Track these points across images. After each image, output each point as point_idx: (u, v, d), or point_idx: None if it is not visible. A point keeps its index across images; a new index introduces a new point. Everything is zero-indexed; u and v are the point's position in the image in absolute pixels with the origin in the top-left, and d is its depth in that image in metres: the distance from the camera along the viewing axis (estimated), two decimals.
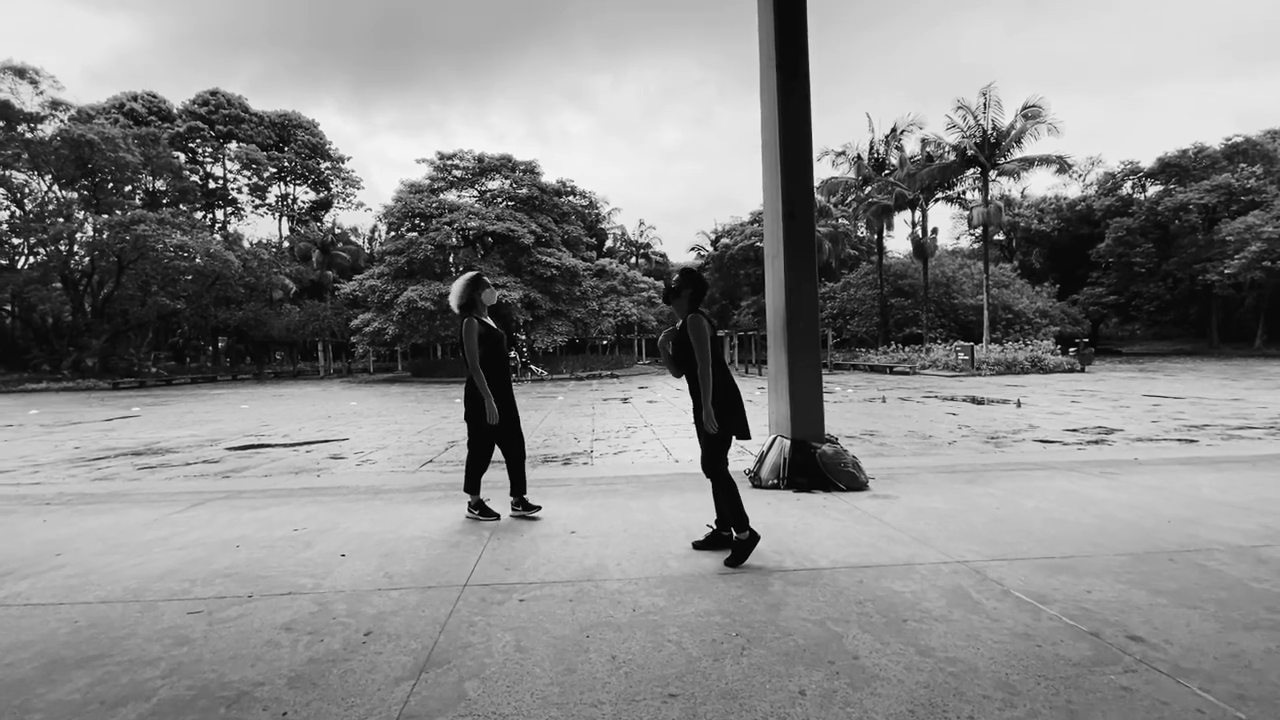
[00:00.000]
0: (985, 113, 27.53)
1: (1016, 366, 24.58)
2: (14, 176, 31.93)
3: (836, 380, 23.03)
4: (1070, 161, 28.42)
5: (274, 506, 4.82)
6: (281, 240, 48.98)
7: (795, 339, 5.29)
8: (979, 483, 5.09)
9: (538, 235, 31.17)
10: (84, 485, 6.28)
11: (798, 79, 5.27)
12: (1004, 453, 7.24)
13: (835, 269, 44.19)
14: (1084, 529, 3.73)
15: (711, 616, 2.59)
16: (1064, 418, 10.50)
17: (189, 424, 12.65)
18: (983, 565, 3.15)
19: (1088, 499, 4.47)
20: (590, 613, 2.66)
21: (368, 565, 3.35)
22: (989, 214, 28.28)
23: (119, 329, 34.16)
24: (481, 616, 2.65)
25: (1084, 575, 2.98)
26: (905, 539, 3.62)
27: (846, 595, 2.79)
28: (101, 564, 3.50)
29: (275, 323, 39.71)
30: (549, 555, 3.45)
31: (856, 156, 36.31)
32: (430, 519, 4.31)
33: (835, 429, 9.66)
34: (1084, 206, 44.41)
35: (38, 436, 10.94)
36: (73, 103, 33.91)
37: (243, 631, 2.56)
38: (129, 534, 4.09)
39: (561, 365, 32.46)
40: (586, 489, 5.17)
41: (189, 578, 3.23)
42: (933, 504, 4.42)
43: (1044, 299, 38.29)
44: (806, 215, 5.33)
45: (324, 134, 49.14)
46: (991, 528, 3.80)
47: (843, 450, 5.12)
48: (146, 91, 43.25)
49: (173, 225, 30.96)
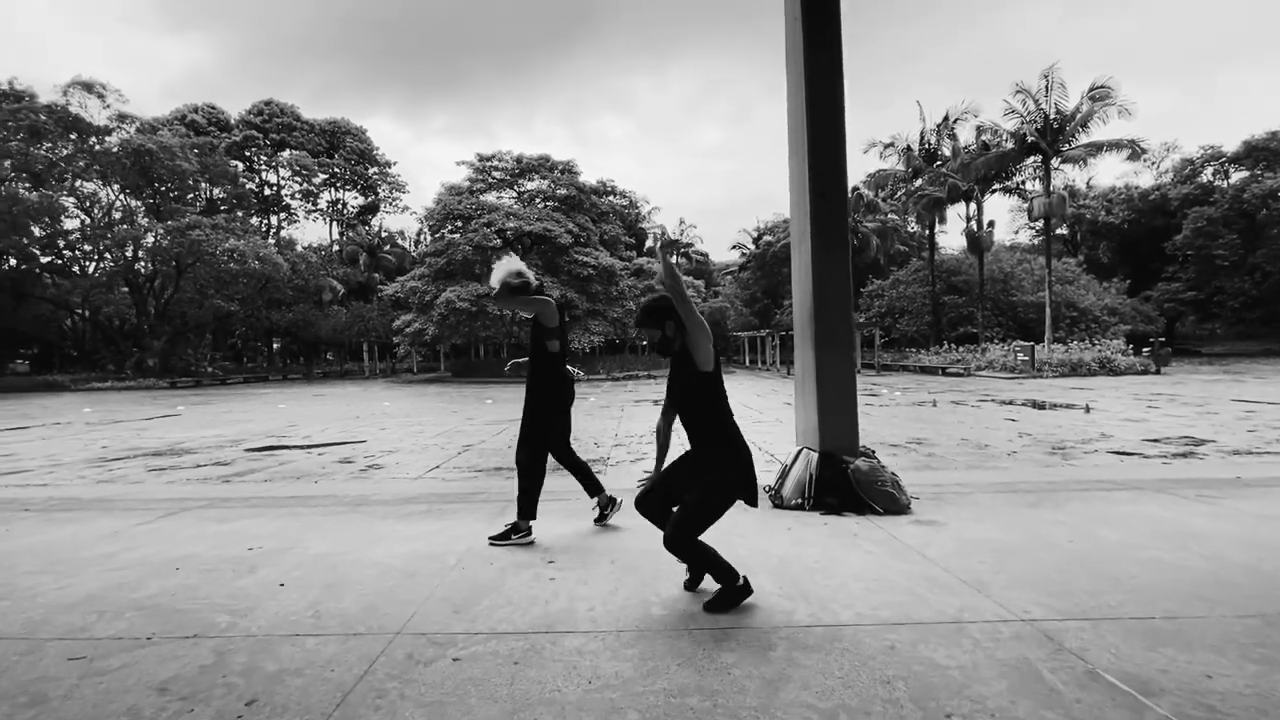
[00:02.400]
0: (1047, 96, 25.73)
1: (1082, 368, 22.81)
2: (84, 187, 33.64)
3: (883, 382, 21.84)
4: (1143, 146, 26.26)
5: (246, 519, 4.43)
6: (331, 244, 50.38)
7: (824, 334, 4.59)
8: (1045, 506, 4.29)
9: (575, 235, 30.88)
10: (81, 489, 6.09)
11: (827, 47, 4.57)
12: (1074, 467, 6.32)
13: (884, 266, 42.47)
14: (1188, 574, 2.94)
15: (686, 698, 1.98)
16: (1141, 425, 9.35)
17: (221, 424, 12.71)
18: (1057, 626, 2.42)
19: (1186, 531, 3.64)
20: (533, 684, 2.08)
21: (302, 599, 2.87)
22: (1051, 205, 26.45)
23: (178, 330, 35.58)
24: (397, 683, 2.11)
25: (1197, 647, 2.23)
26: (953, 583, 2.91)
27: (871, 669, 2.13)
28: (25, 585, 3.13)
29: (323, 324, 40.71)
30: (512, 594, 2.89)
31: (906, 147, 34.68)
32: (400, 539, 3.82)
33: (878, 436, 8.83)
34: (1158, 196, 41.29)
35: (76, 435, 11.11)
36: (138, 115, 35.58)
37: (109, 692, 2.09)
38: (78, 549, 3.75)
39: (599, 365, 32.08)
40: (585, 504, 4.60)
41: (101, 608, 2.81)
42: (988, 534, 3.67)
43: (1113, 295, 35.74)
44: (838, 194, 4.63)
45: (371, 140, 50.27)
46: (1064, 569, 3.05)
47: (880, 466, 4.39)
48: (206, 103, 45.09)
49: (226, 230, 32.02)
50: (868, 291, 41.06)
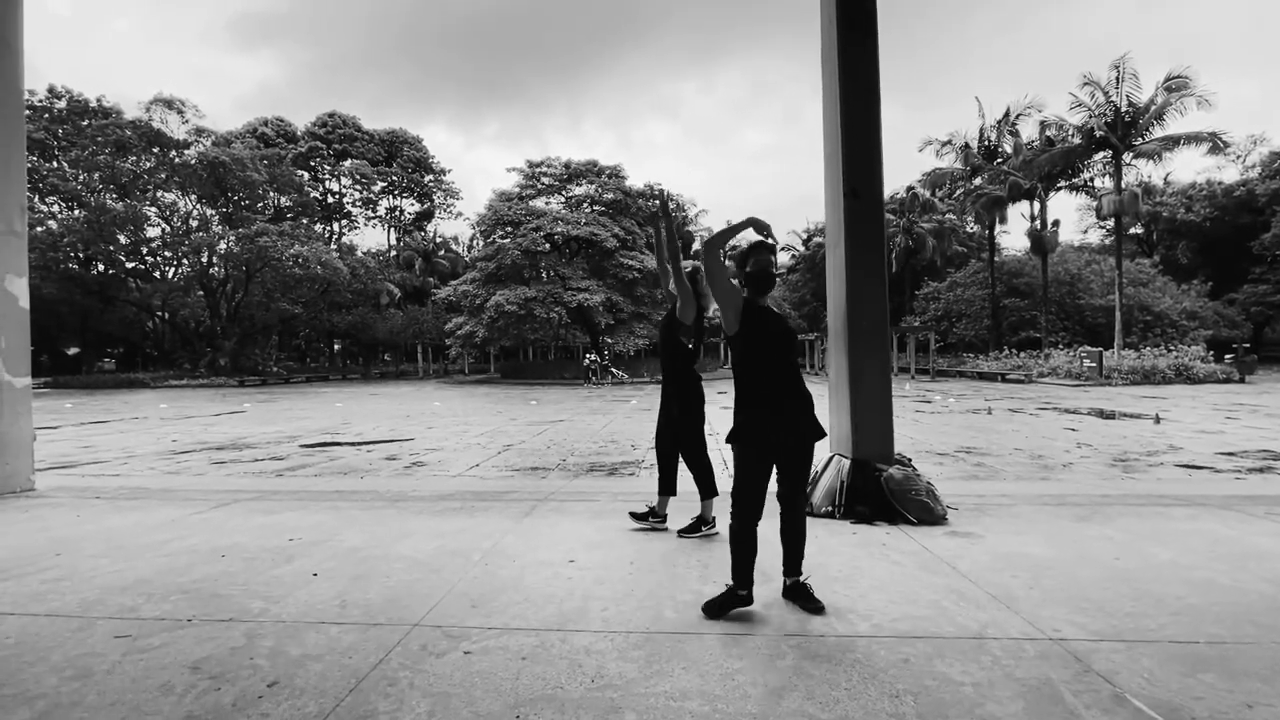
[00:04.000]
0: (1118, 88, 24.36)
1: (1156, 375, 21.47)
2: (164, 197, 36.00)
3: (938, 388, 21.10)
4: (1226, 139, 24.50)
5: (291, 511, 4.65)
6: (388, 249, 52.29)
7: (858, 340, 4.49)
8: (1095, 520, 4.07)
9: (621, 239, 31.08)
10: (149, 479, 6.52)
11: (859, 32, 4.48)
12: (1134, 480, 5.97)
13: (940, 267, 41.12)
14: (1243, 597, 2.74)
15: (687, 701, 1.97)
16: (1217, 438, 8.74)
17: (282, 420, 13.36)
18: (1087, 647, 2.30)
19: (1247, 551, 3.38)
20: (538, 679, 2.12)
21: (332, 589, 2.99)
22: (1122, 202, 25.01)
23: (247, 332, 37.58)
24: (409, 672, 2.17)
25: (1241, 675, 2.08)
26: (982, 597, 2.79)
27: (881, 682, 2.07)
28: (86, 568, 3.37)
29: (380, 326, 42.24)
30: (530, 591, 2.94)
31: (964, 145, 33.40)
32: (431, 534, 3.94)
33: (926, 444, 8.54)
34: (1244, 192, 38.49)
35: (150, 429, 11.88)
36: (214, 129, 37.93)
37: (148, 669, 2.23)
38: (138, 535, 4.02)
39: (643, 369, 32.17)
40: (614, 505, 4.64)
41: (150, 591, 3.00)
42: (1027, 548, 3.50)
43: (1192, 298, 33.51)
44: (873, 194, 4.52)
45: (427, 149, 52.00)
46: (1105, 587, 2.88)
47: (915, 474, 4.26)
48: (275, 116, 47.60)
49: (291, 237, 33.66)
50: (923, 294, 39.79)
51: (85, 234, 30.34)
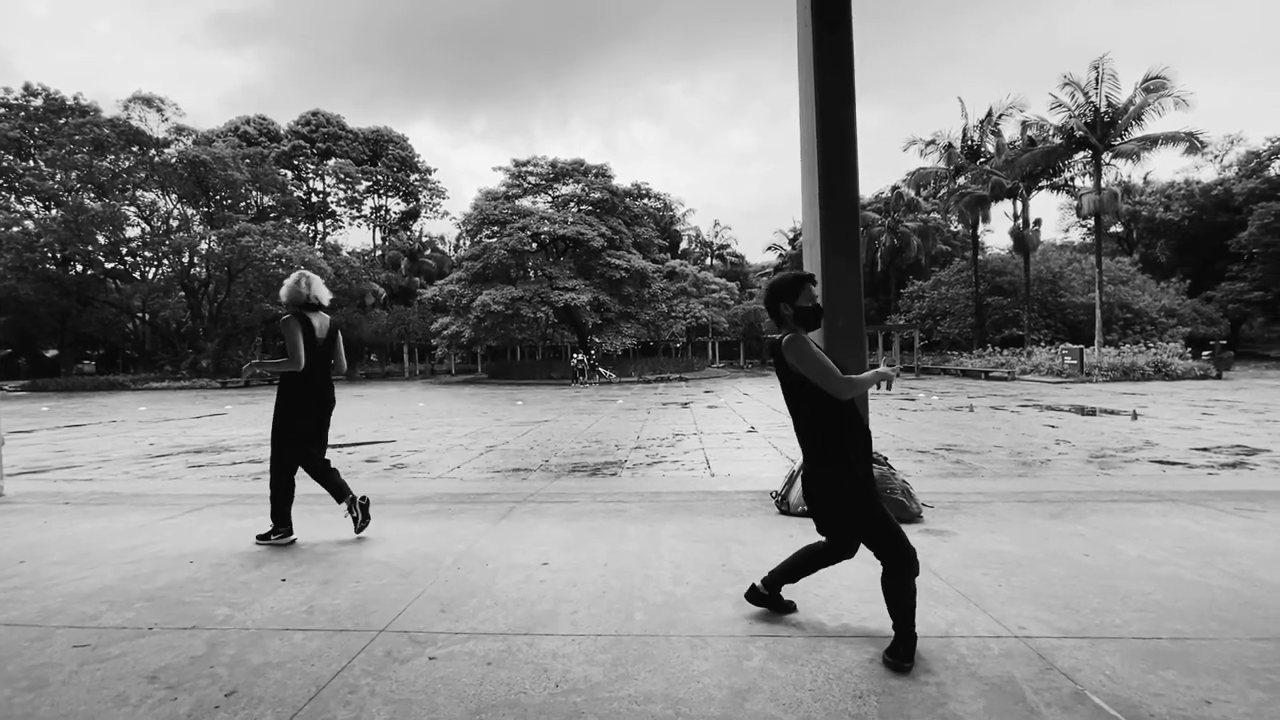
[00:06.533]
0: (1097, 88, 24.65)
1: (1136, 372, 21.78)
2: (144, 196, 35.47)
3: (922, 386, 21.26)
4: (1203, 139, 24.86)
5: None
6: (374, 249, 51.85)
7: (834, 337, 4.50)
8: (1067, 517, 4.10)
9: (608, 238, 31.02)
10: (121, 484, 6.41)
11: (835, 29, 4.49)
12: (1109, 476, 6.03)
13: (925, 266, 41.45)
14: (1207, 593, 2.77)
15: (651, 705, 1.96)
16: (1192, 434, 8.87)
17: (263, 423, 13.18)
18: (1051, 644, 2.31)
19: (1215, 547, 3.43)
20: (501, 685, 2.09)
21: (299, 595, 2.95)
22: (1102, 201, 25.33)
23: (230, 333, 37.12)
24: (371, 679, 2.15)
25: (1201, 671, 2.10)
26: (951, 596, 2.80)
27: (845, 682, 2.07)
28: (48, 575, 3.30)
29: (365, 326, 41.88)
30: (500, 594, 2.91)
31: (947, 145, 33.70)
32: (404, 538, 3.90)
33: (907, 442, 8.60)
34: (1221, 191, 39.12)
35: (127, 433, 11.69)
36: (194, 128, 37.40)
37: (104, 679, 2.19)
38: (104, 541, 3.94)
39: (631, 368, 32.12)
40: (590, 507, 4.62)
41: (114, 599, 2.94)
42: (999, 545, 3.53)
43: (1171, 296, 34.03)
44: (848, 193, 4.53)
45: (413, 148, 51.62)
46: (1073, 584, 2.91)
47: (890, 473, 4.28)
48: (258, 115, 47.02)
49: (274, 237, 33.28)
50: (908, 293, 40.07)
51: (62, 234, 29.82)
